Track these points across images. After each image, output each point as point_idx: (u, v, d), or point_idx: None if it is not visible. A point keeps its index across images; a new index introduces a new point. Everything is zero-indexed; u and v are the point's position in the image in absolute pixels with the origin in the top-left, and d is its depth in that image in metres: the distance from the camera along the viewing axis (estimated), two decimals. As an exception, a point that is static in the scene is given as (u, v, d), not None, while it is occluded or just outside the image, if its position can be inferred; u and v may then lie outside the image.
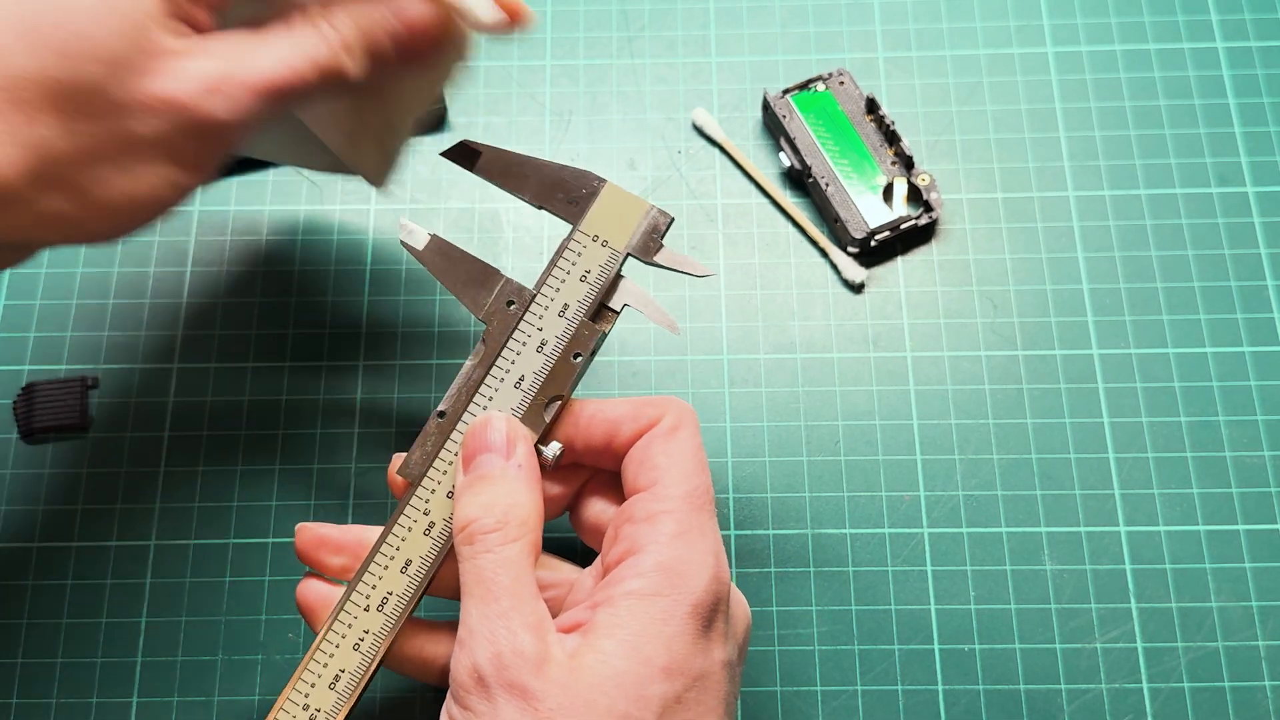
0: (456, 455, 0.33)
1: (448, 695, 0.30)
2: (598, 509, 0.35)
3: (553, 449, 0.34)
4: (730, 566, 0.41)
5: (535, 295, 0.34)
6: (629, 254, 0.35)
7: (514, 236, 0.47)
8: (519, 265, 0.46)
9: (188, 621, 0.41)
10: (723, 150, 0.48)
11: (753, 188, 0.48)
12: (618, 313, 0.35)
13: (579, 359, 0.34)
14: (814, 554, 0.42)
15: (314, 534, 0.35)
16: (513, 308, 0.34)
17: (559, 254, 0.35)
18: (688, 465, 0.32)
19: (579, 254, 0.35)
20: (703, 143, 0.49)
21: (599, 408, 0.34)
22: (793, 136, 0.47)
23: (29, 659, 0.41)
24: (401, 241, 0.36)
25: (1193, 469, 0.43)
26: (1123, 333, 0.45)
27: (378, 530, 0.34)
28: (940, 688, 0.40)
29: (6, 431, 0.44)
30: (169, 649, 0.41)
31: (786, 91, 0.48)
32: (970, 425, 0.44)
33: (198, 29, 0.31)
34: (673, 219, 0.36)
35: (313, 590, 0.35)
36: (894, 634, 0.41)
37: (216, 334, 0.45)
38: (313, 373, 0.45)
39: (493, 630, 0.29)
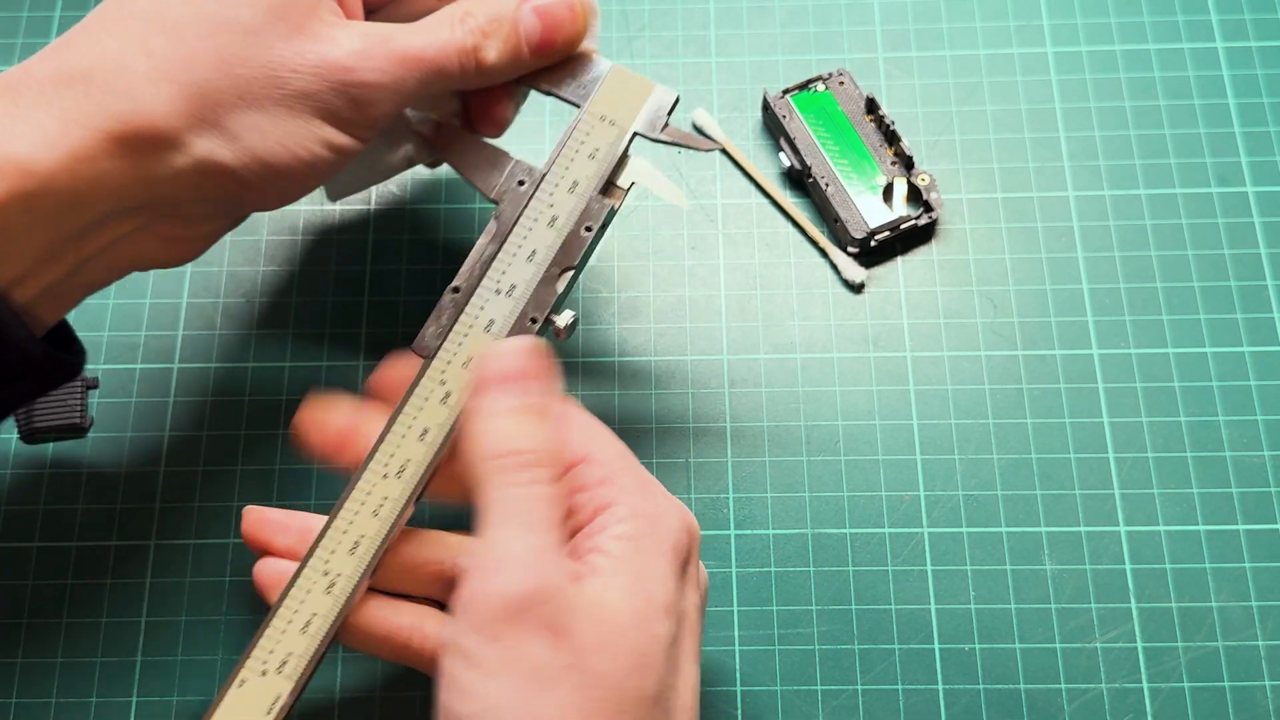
0: (470, 329, 0.34)
1: (453, 630, 0.29)
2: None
3: (565, 317, 0.35)
4: (730, 566, 0.42)
5: (545, 174, 0.36)
6: (636, 133, 0.36)
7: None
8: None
9: (188, 621, 0.41)
10: (723, 150, 0.48)
11: (753, 188, 0.48)
12: (625, 190, 0.36)
13: (590, 231, 0.35)
14: (814, 554, 0.42)
15: (258, 514, 0.36)
16: (523, 186, 0.36)
17: (568, 134, 0.36)
18: (604, 435, 0.33)
19: (587, 134, 0.36)
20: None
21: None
22: (793, 136, 0.47)
23: (29, 659, 0.41)
24: (414, 130, 0.37)
25: (1193, 469, 0.43)
26: (1123, 333, 0.45)
27: (323, 519, 0.34)
28: (940, 687, 0.40)
29: (6, 431, 0.44)
30: (169, 649, 0.41)
31: (786, 91, 0.48)
32: (970, 425, 0.44)
33: (352, 17, 0.34)
34: (678, 98, 0.37)
35: (270, 568, 0.35)
36: (894, 634, 0.41)
37: (217, 334, 0.45)
38: (313, 373, 0.45)
39: (538, 563, 0.28)
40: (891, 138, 0.47)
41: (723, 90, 0.50)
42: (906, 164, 0.46)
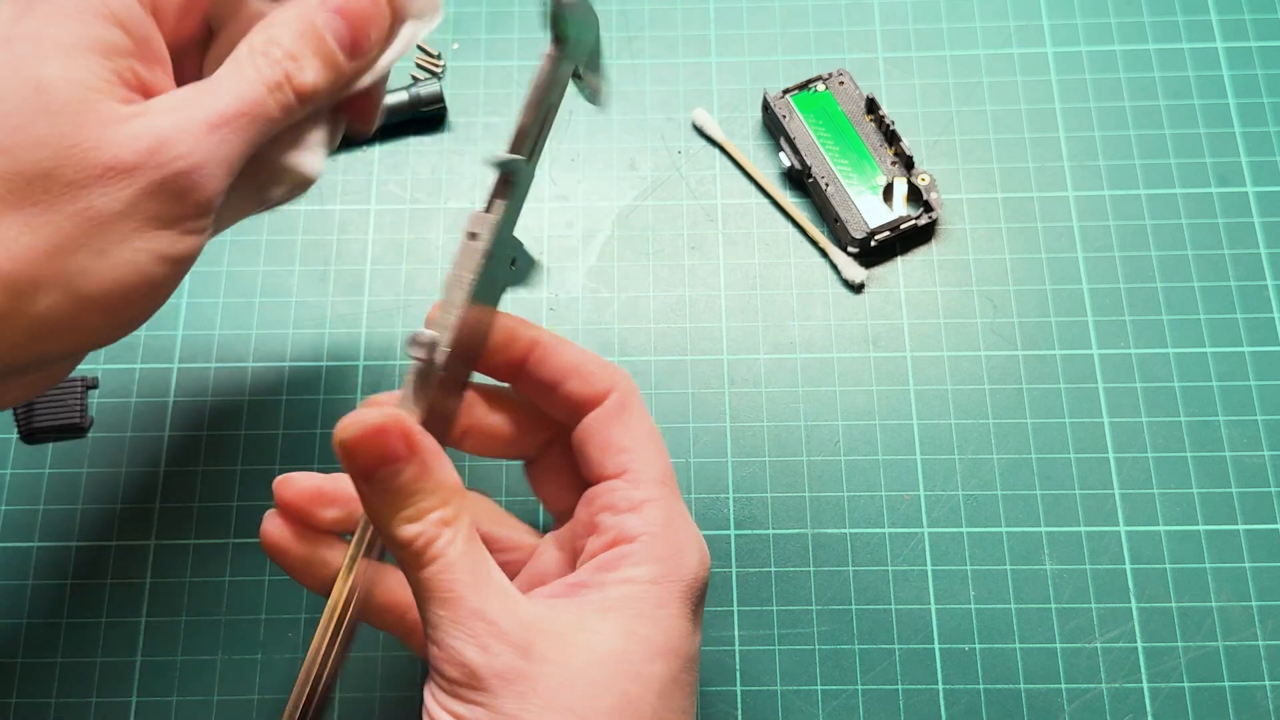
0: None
1: (433, 683, 0.29)
2: (558, 484, 0.35)
3: (440, 352, 0.30)
4: (730, 566, 0.42)
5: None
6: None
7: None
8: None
9: (188, 621, 0.41)
10: (723, 150, 0.48)
11: (753, 188, 0.48)
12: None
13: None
14: (814, 554, 0.42)
15: (306, 485, 0.33)
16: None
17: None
18: (652, 448, 0.32)
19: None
20: (703, 143, 0.49)
21: (551, 349, 0.33)
22: (793, 136, 0.47)
23: (29, 659, 0.41)
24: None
25: (1193, 469, 0.43)
26: (1123, 333, 0.45)
27: None
28: (940, 687, 0.40)
29: (6, 431, 0.44)
30: (169, 649, 0.41)
31: (786, 91, 0.48)
32: (970, 425, 0.44)
33: (152, 93, 0.29)
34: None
35: (279, 527, 0.33)
36: (894, 634, 0.41)
37: (216, 334, 0.45)
38: (313, 372, 0.45)
39: (473, 629, 0.28)
40: (891, 138, 0.47)
41: (723, 90, 0.50)
42: (906, 164, 0.46)
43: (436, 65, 0.50)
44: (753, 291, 0.46)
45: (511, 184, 0.32)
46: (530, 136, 0.32)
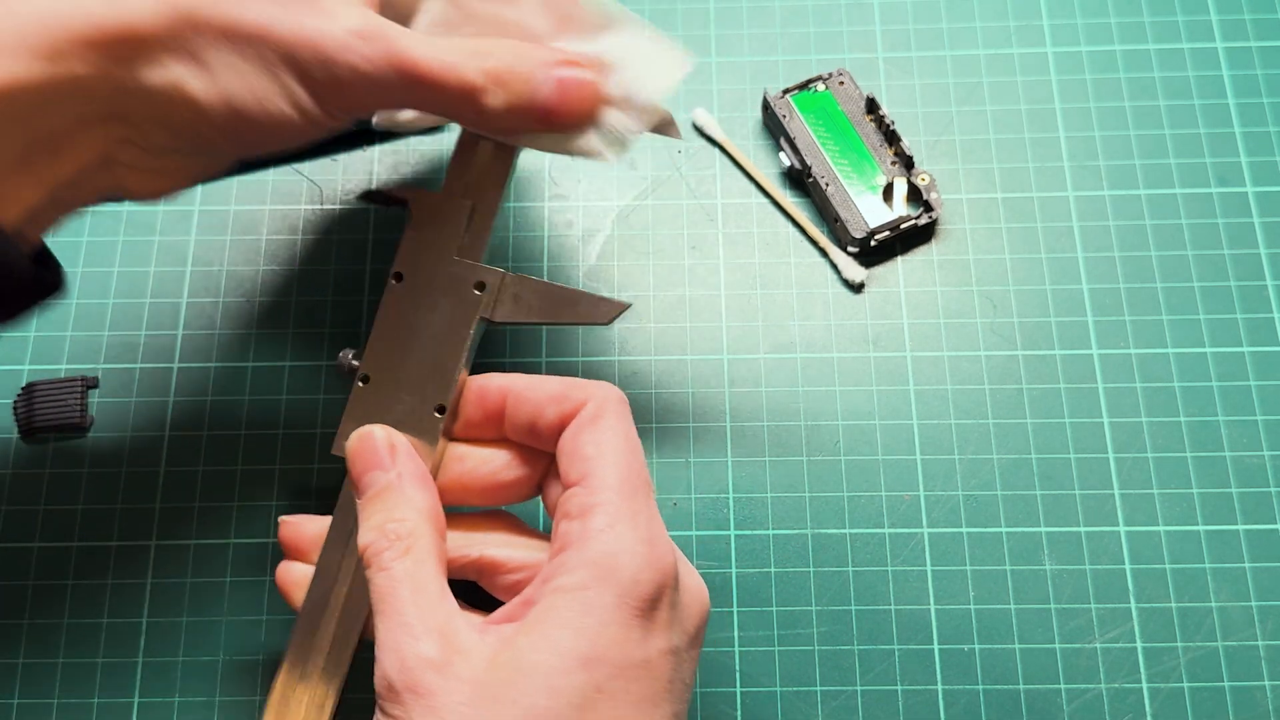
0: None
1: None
2: (557, 493, 0.34)
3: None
4: (730, 566, 0.42)
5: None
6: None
7: (514, 236, 0.47)
8: (517, 266, 0.46)
9: (188, 622, 0.41)
10: (723, 150, 0.48)
11: (753, 188, 0.48)
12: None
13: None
14: (814, 554, 0.42)
15: (306, 531, 0.36)
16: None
17: None
18: (616, 454, 0.32)
19: None
20: (703, 142, 0.49)
21: (524, 390, 0.34)
22: (793, 136, 0.47)
23: (29, 659, 0.41)
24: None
25: (1192, 469, 0.43)
26: (1122, 333, 0.45)
27: None
28: (940, 688, 0.40)
29: (6, 431, 0.44)
30: (170, 649, 0.41)
31: (786, 91, 0.48)
32: (970, 425, 0.44)
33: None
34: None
35: (294, 572, 0.36)
36: (894, 634, 0.41)
37: (216, 334, 0.45)
38: (313, 372, 0.45)
39: (397, 641, 0.29)
40: (891, 138, 0.47)
41: (723, 90, 0.50)
42: (906, 164, 0.46)
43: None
44: (753, 291, 0.46)
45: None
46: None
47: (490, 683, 0.28)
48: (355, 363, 0.36)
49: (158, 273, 0.46)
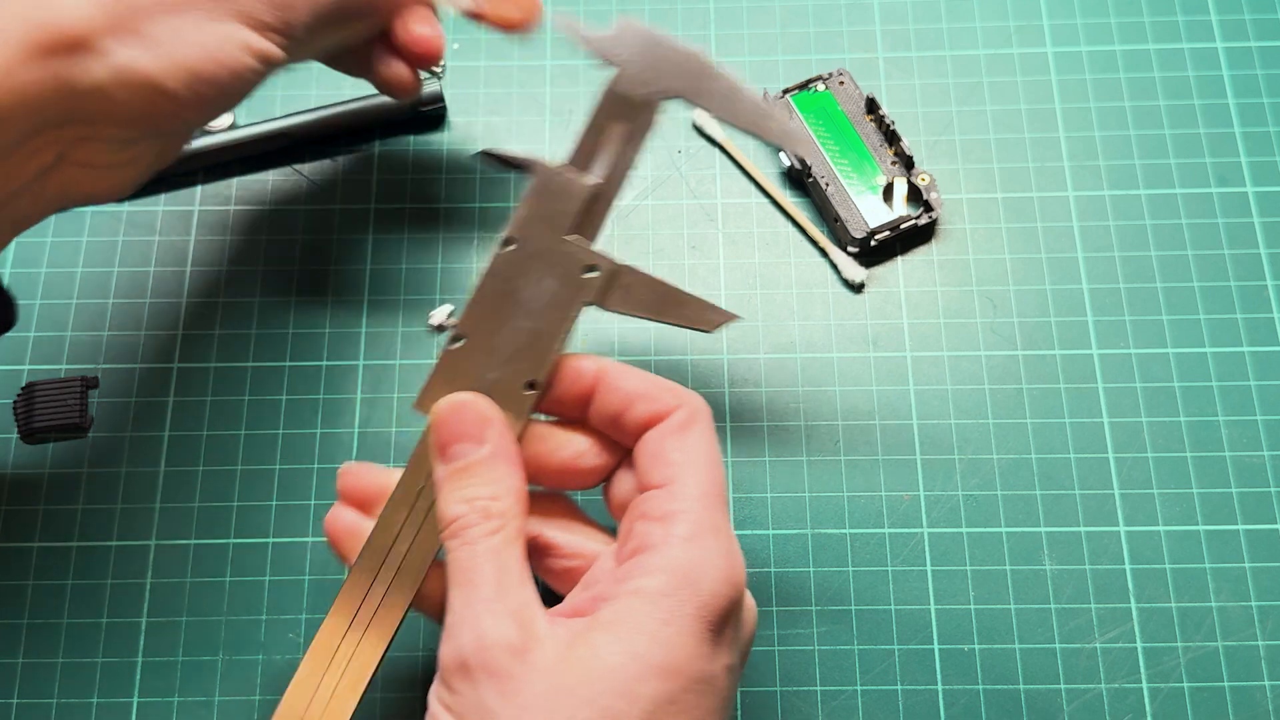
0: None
1: (435, 679, 0.30)
2: (626, 488, 0.34)
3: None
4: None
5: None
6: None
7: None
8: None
9: (188, 622, 0.41)
10: (723, 150, 0.48)
11: (753, 188, 0.48)
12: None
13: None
14: (814, 554, 0.42)
15: (365, 481, 0.35)
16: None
17: None
18: (703, 464, 0.31)
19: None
20: (703, 143, 0.49)
21: (618, 378, 0.33)
22: (793, 136, 0.47)
23: (29, 659, 0.41)
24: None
25: (1192, 469, 0.43)
26: (1122, 333, 0.45)
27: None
28: (940, 688, 0.40)
29: (6, 431, 0.44)
30: (169, 649, 0.41)
31: (786, 91, 0.48)
32: (970, 425, 0.44)
33: None
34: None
35: (345, 519, 0.34)
36: (894, 634, 0.41)
37: (216, 334, 0.45)
38: (313, 372, 0.45)
39: (476, 617, 0.29)
40: (891, 138, 0.47)
41: (723, 90, 0.49)
42: (906, 164, 0.46)
43: (436, 65, 0.50)
44: (753, 291, 0.46)
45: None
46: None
47: (566, 677, 0.28)
48: (452, 321, 0.35)
49: (158, 273, 0.46)
